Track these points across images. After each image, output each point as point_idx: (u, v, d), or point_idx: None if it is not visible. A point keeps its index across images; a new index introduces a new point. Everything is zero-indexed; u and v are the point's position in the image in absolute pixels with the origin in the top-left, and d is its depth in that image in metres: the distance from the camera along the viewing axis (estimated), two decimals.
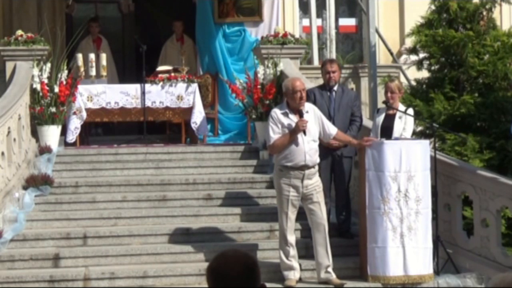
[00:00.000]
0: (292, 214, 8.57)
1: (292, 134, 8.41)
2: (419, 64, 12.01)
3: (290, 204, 8.53)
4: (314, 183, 8.55)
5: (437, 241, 8.93)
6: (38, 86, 10.98)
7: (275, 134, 8.50)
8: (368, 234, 8.68)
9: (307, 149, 8.45)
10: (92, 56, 12.43)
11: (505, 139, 10.75)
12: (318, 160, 8.60)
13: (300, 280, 8.70)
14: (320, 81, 10.23)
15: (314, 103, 9.11)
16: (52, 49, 11.28)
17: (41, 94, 10.98)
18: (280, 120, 8.52)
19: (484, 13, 11.82)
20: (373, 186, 8.67)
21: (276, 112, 8.60)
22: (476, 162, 10.50)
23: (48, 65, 11.05)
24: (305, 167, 8.47)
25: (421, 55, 11.97)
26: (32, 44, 11.34)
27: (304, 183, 8.49)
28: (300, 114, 8.45)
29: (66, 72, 11.15)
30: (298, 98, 8.48)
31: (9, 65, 11.42)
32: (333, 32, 14.43)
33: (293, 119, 8.48)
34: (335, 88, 9.57)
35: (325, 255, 8.59)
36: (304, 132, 8.39)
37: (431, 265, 8.73)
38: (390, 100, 9.27)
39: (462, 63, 11.44)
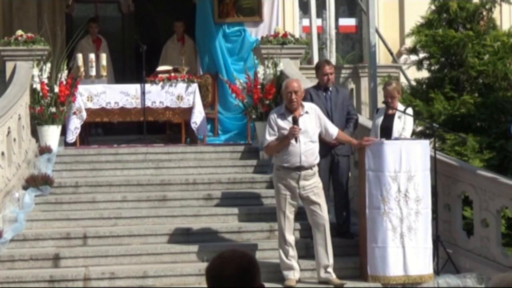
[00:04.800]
0: (290, 213, 8.58)
1: (285, 140, 8.44)
2: (419, 64, 12.01)
3: (288, 203, 8.54)
4: (312, 184, 8.54)
5: (437, 241, 8.93)
6: (38, 86, 10.98)
7: (270, 136, 8.54)
8: (368, 234, 8.68)
9: (303, 150, 8.45)
10: (92, 56, 12.43)
11: (505, 139, 10.75)
12: (316, 161, 8.59)
13: (299, 280, 8.70)
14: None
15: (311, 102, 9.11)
16: (52, 49, 11.27)
17: (41, 94, 10.98)
18: (277, 122, 8.54)
19: (484, 13, 11.82)
20: (373, 186, 8.67)
21: (274, 115, 8.62)
22: (476, 162, 10.50)
23: (48, 65, 11.05)
24: (301, 168, 8.48)
25: (421, 55, 11.98)
26: (32, 44, 11.33)
27: (300, 184, 8.49)
28: (294, 120, 8.44)
29: (66, 72, 11.15)
30: (287, 99, 8.53)
31: (9, 65, 11.42)
32: (333, 32, 14.43)
33: (288, 122, 8.48)
34: (330, 88, 9.59)
35: (325, 255, 8.59)
36: (296, 140, 8.39)
37: (431, 265, 8.73)
38: (390, 104, 9.27)
39: (462, 63, 11.45)
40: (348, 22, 15.37)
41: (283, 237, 8.60)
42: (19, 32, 11.55)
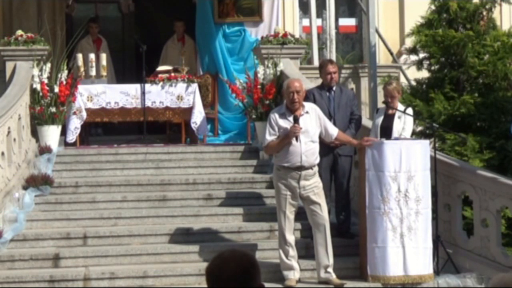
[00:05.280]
0: (290, 213, 8.58)
1: (285, 139, 8.44)
2: (419, 64, 12.01)
3: (288, 203, 8.54)
4: (312, 184, 8.54)
5: (437, 241, 8.94)
6: (38, 86, 10.98)
7: (270, 136, 8.54)
8: (368, 234, 8.68)
9: (304, 150, 8.45)
10: (92, 56, 12.43)
11: (505, 139, 10.75)
12: (316, 161, 8.59)
13: (299, 280, 8.70)
14: (320, 81, 10.22)
15: (314, 103, 9.11)
16: (52, 49, 11.27)
17: (41, 94, 10.98)
18: (277, 122, 8.54)
19: (484, 13, 11.82)
20: (373, 186, 8.67)
21: (275, 114, 8.62)
22: (476, 162, 10.50)
23: (48, 65, 11.05)
24: (302, 168, 8.47)
25: (421, 55, 11.98)
26: (32, 44, 11.33)
27: (300, 183, 8.49)
28: (295, 119, 8.44)
29: (66, 72, 11.15)
30: (289, 99, 8.53)
31: (9, 65, 11.42)
32: (333, 32, 14.43)
33: (289, 121, 8.48)
34: (334, 88, 9.59)
35: (325, 255, 8.59)
36: (296, 139, 8.39)
37: (431, 265, 8.73)
38: (390, 104, 9.28)
39: (462, 63, 11.45)
40: (348, 22, 15.37)
41: (283, 237, 8.60)
42: (19, 32, 11.55)
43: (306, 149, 8.47)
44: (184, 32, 14.32)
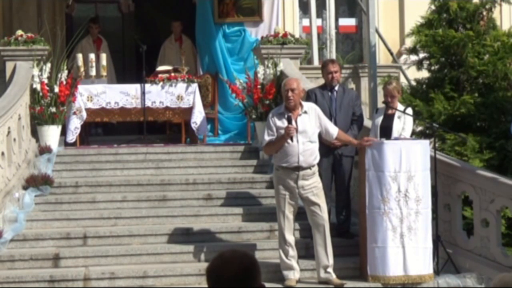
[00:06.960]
0: (289, 213, 8.57)
1: (281, 139, 8.44)
2: (419, 64, 12.01)
3: (287, 203, 8.54)
4: (311, 184, 8.53)
5: (437, 241, 8.93)
6: (38, 86, 10.98)
7: (268, 136, 8.54)
8: (368, 234, 8.68)
9: (301, 150, 8.44)
10: (92, 56, 12.43)
11: (505, 139, 10.75)
12: (315, 161, 8.58)
13: (299, 280, 8.70)
14: (320, 81, 10.22)
15: (316, 103, 9.11)
16: (52, 49, 11.28)
17: (41, 94, 10.98)
18: (275, 123, 8.53)
19: (484, 13, 11.82)
20: (373, 186, 8.67)
21: (273, 114, 8.62)
22: (476, 162, 10.50)
23: (48, 65, 11.05)
24: (299, 168, 8.46)
25: (421, 55, 11.97)
26: (32, 44, 11.34)
27: (299, 183, 8.48)
28: (289, 120, 8.43)
29: (66, 72, 11.16)
30: (285, 96, 8.54)
31: (9, 65, 11.42)
32: (333, 32, 14.44)
33: (287, 121, 8.48)
34: (336, 88, 9.58)
35: (324, 255, 8.59)
36: (291, 139, 8.38)
37: (431, 265, 8.73)
38: (390, 104, 9.28)
39: (462, 63, 11.45)
40: (348, 22, 15.38)
41: (283, 237, 8.60)
42: (19, 32, 11.55)
43: (304, 149, 8.46)
44: (181, 32, 14.32)
